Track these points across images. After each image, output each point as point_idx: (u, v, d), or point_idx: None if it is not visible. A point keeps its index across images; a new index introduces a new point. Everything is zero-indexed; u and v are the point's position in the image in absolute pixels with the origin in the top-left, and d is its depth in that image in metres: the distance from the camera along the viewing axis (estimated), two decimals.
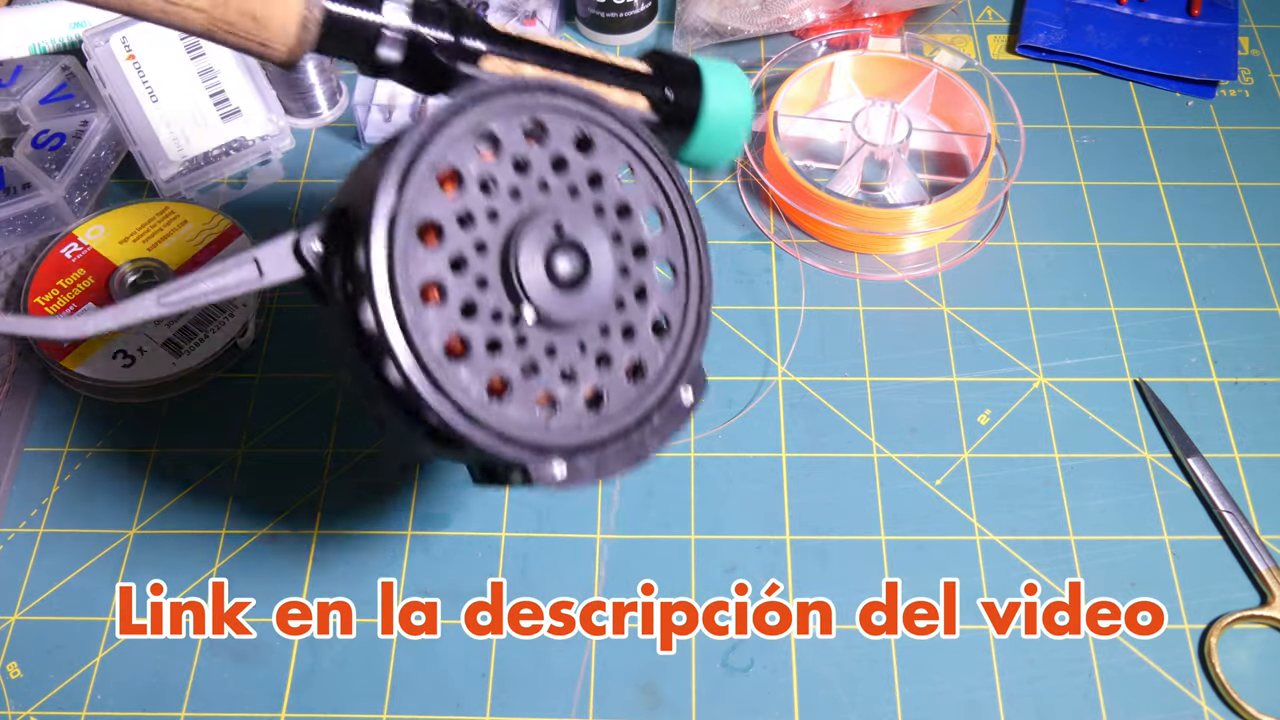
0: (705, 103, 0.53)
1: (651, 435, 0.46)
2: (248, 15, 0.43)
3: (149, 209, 0.73)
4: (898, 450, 0.65)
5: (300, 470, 0.65)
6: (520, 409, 0.42)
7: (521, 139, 0.44)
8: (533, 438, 0.42)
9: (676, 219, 0.47)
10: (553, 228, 0.43)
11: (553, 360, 0.43)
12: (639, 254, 0.46)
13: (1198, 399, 0.67)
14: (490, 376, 0.42)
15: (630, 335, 0.45)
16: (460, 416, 0.41)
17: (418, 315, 0.40)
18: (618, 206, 0.46)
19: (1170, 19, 0.86)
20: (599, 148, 0.46)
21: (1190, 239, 0.74)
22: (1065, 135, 0.80)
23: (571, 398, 0.44)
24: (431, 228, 0.41)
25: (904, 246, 0.73)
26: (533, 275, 0.42)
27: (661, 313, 0.46)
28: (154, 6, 0.43)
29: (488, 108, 0.43)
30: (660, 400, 0.46)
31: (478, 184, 0.42)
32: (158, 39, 0.74)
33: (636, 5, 0.83)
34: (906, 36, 0.81)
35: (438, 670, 0.58)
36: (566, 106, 0.45)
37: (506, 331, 0.42)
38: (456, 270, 0.41)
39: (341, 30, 0.45)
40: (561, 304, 0.43)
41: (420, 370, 0.40)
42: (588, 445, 0.44)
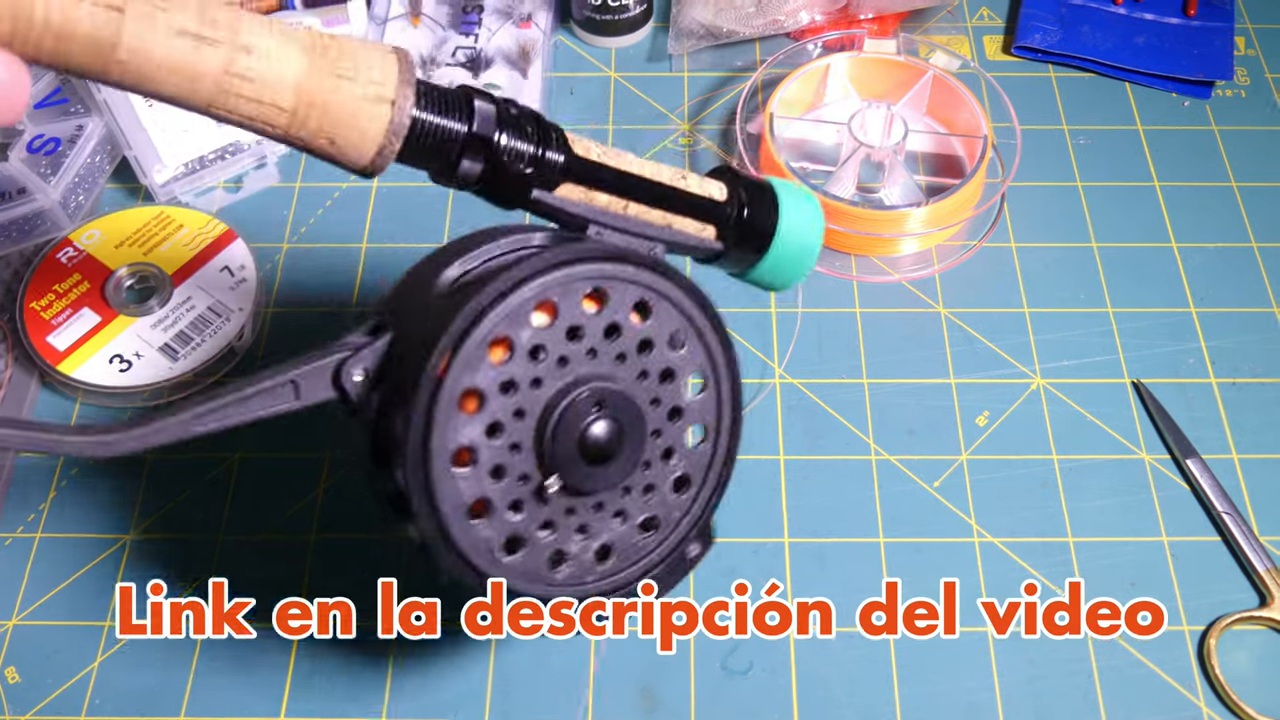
0: (779, 228, 0.52)
1: (653, 584, 0.48)
2: (327, 138, 0.41)
3: (144, 213, 0.73)
4: (896, 452, 0.65)
5: (299, 472, 0.65)
6: (531, 561, 0.44)
7: (579, 308, 0.43)
8: (538, 590, 0.44)
9: (718, 384, 0.47)
10: (594, 404, 0.43)
11: (570, 518, 0.44)
12: (674, 416, 0.46)
13: (1196, 400, 0.67)
14: (508, 534, 0.43)
15: (650, 491, 0.46)
16: (471, 571, 0.42)
17: (447, 479, 0.40)
18: (662, 372, 0.45)
19: (1166, 19, 0.86)
20: (656, 314, 0.45)
21: (1187, 239, 0.74)
22: (1062, 136, 0.80)
23: (583, 552, 0.45)
24: (474, 395, 0.41)
25: (901, 248, 0.73)
26: (566, 449, 0.42)
27: (685, 471, 0.46)
28: (230, 118, 0.40)
29: (552, 279, 0.42)
30: (667, 554, 0.47)
31: (527, 353, 0.42)
32: None
33: (632, 7, 0.83)
34: (902, 38, 0.81)
35: (438, 670, 0.58)
36: (631, 276, 0.44)
37: (530, 492, 0.43)
38: (492, 435, 0.41)
39: (425, 144, 0.43)
40: (588, 475, 0.43)
41: (439, 533, 0.41)
42: (588, 595, 0.46)
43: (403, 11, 0.84)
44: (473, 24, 0.83)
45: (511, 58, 0.81)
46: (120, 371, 0.66)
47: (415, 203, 0.76)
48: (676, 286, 0.45)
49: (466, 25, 0.83)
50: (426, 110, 0.43)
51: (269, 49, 0.39)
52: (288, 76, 0.39)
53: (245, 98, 0.39)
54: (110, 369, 0.66)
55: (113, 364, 0.66)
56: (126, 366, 0.66)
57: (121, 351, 0.67)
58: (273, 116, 0.40)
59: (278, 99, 0.39)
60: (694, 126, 0.81)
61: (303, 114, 0.40)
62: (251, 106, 0.39)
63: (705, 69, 0.84)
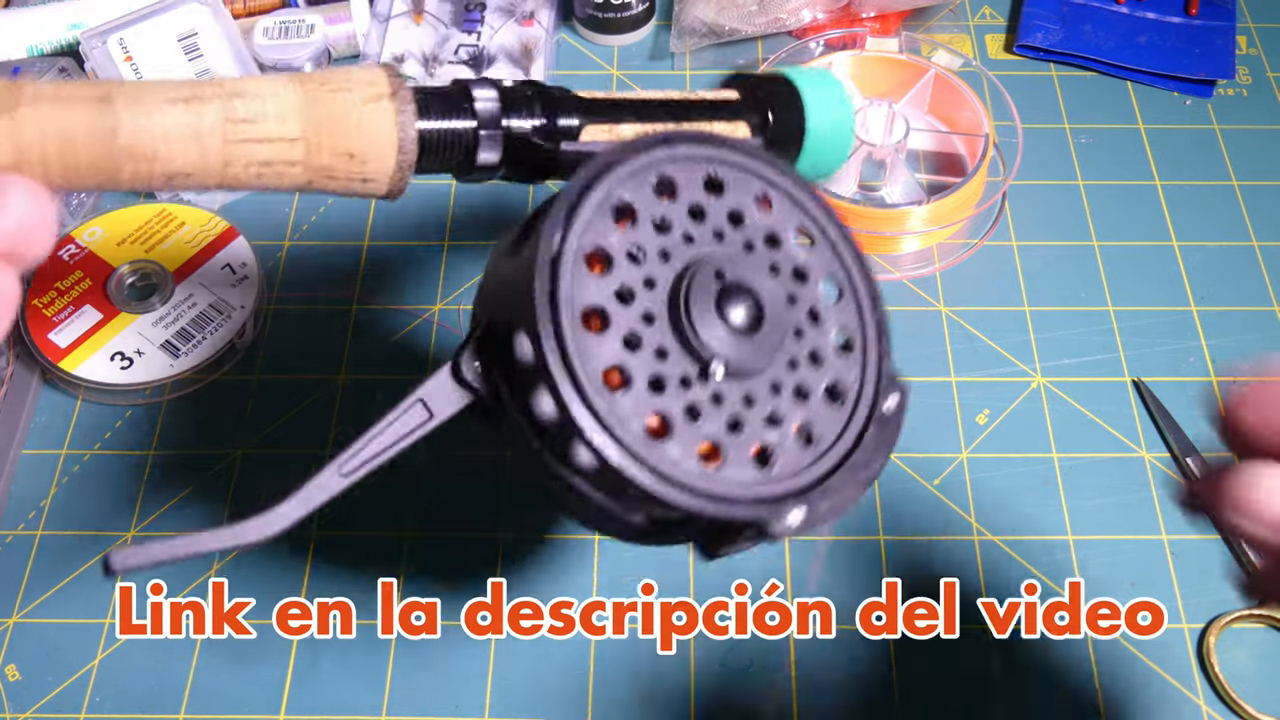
0: (809, 117, 0.52)
1: (871, 453, 0.44)
2: (344, 154, 0.41)
3: (146, 210, 0.73)
4: (896, 450, 0.65)
5: (300, 471, 0.64)
6: (738, 467, 0.40)
7: (653, 199, 0.42)
8: (761, 492, 0.40)
9: (825, 234, 0.45)
10: (713, 278, 0.41)
11: (753, 409, 0.41)
12: (800, 278, 0.44)
13: (1196, 399, 0.67)
14: (699, 445, 0.40)
15: (817, 360, 0.43)
16: (683, 493, 0.39)
17: (609, 403, 0.38)
18: (766, 238, 0.44)
19: (1168, 18, 0.86)
20: (730, 185, 0.44)
21: (1188, 238, 0.74)
22: (1063, 135, 0.80)
23: (783, 441, 0.41)
24: (594, 314, 0.39)
25: (902, 246, 0.73)
26: (710, 331, 0.40)
27: (841, 331, 0.44)
28: (251, 175, 0.41)
29: (612, 179, 0.41)
30: (868, 417, 0.43)
31: (625, 257, 0.40)
32: (155, 40, 0.74)
33: (634, 5, 0.83)
34: (904, 36, 0.81)
35: (438, 670, 0.58)
36: (686, 154, 0.43)
37: (700, 395, 0.40)
38: (632, 349, 0.40)
39: (439, 145, 0.44)
40: (745, 350, 0.41)
41: (627, 455, 0.38)
42: (815, 483, 0.41)
43: (405, 9, 0.84)
44: (475, 22, 0.83)
45: (514, 55, 0.81)
46: (121, 369, 0.66)
47: (417, 200, 0.76)
48: (732, 149, 0.44)
49: (469, 23, 0.83)
50: (430, 115, 0.43)
51: (260, 89, 0.40)
52: (287, 107, 0.40)
53: (254, 141, 0.39)
54: (111, 366, 0.66)
55: (114, 361, 0.66)
56: (128, 364, 0.66)
57: (123, 349, 0.67)
58: (287, 152, 0.40)
59: (284, 130, 0.40)
60: None
61: (314, 139, 0.40)
62: (264, 149, 0.39)
63: (707, 67, 0.84)
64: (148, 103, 0.37)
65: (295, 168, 0.41)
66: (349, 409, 0.67)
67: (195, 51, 0.75)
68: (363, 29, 0.82)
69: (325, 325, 0.70)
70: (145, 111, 0.37)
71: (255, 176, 0.40)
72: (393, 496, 0.64)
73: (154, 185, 0.39)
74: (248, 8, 0.82)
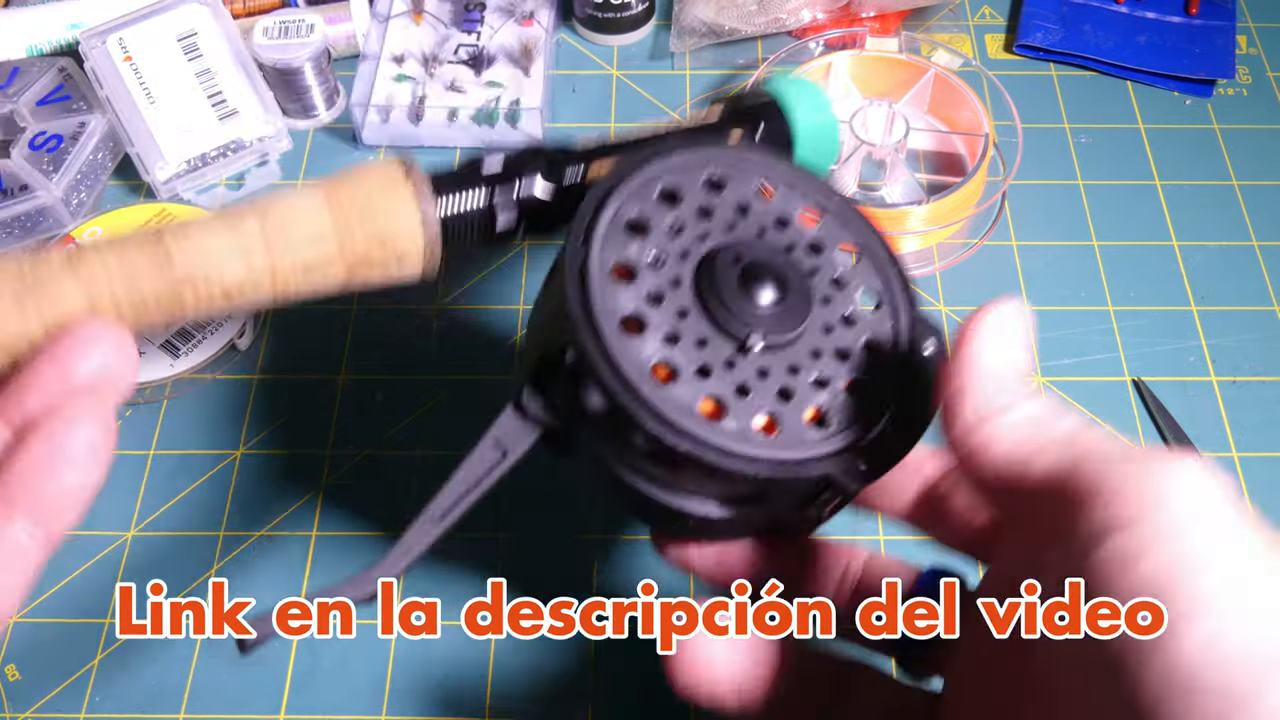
0: (795, 125, 0.56)
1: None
2: (376, 241, 0.44)
3: (147, 210, 0.73)
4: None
5: (300, 471, 0.65)
6: (795, 432, 0.42)
7: (661, 207, 0.44)
8: (824, 450, 0.42)
9: (830, 208, 0.48)
10: (732, 262, 0.43)
11: (799, 376, 0.43)
12: (816, 250, 0.46)
13: (1196, 398, 0.67)
14: (755, 419, 0.41)
15: (851, 321, 0.45)
16: (748, 463, 0.40)
17: (660, 394, 0.40)
18: (775, 220, 0.46)
19: (1168, 18, 0.86)
20: (730, 181, 0.46)
21: (1188, 238, 0.74)
22: (1063, 134, 0.80)
23: (834, 400, 0.43)
24: (630, 320, 0.42)
25: (901, 246, 0.73)
26: (740, 308, 0.42)
27: (867, 291, 0.46)
28: (299, 280, 0.44)
29: (617, 198, 0.44)
30: (909, 364, 0.45)
31: (647, 264, 0.43)
32: (155, 40, 0.74)
33: (634, 5, 0.83)
34: (904, 36, 0.81)
35: (438, 670, 0.58)
36: (681, 162, 0.46)
37: (747, 372, 0.42)
38: (672, 343, 0.42)
39: (459, 219, 0.48)
40: (778, 321, 0.43)
41: (693, 442, 0.40)
42: (874, 433, 0.43)
43: (405, 9, 0.84)
44: (475, 21, 0.83)
45: (514, 55, 0.81)
46: None
47: None
48: (725, 149, 0.47)
49: (469, 23, 0.83)
50: (445, 192, 0.48)
51: (288, 200, 0.44)
52: (315, 209, 0.44)
53: (294, 247, 0.43)
54: None
55: None
56: None
57: None
58: (324, 250, 0.44)
59: (318, 229, 0.44)
60: None
61: (346, 234, 0.44)
62: (304, 252, 0.43)
63: (707, 67, 0.84)
64: (193, 233, 0.41)
65: (335, 265, 0.44)
66: (349, 409, 0.67)
67: (195, 51, 0.75)
68: (362, 29, 0.82)
69: (325, 325, 0.70)
70: (192, 240, 0.41)
71: (303, 280, 0.44)
72: (392, 497, 0.64)
73: (216, 307, 0.42)
74: (247, 8, 0.82)
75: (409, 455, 0.65)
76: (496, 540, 0.62)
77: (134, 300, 0.39)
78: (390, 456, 0.65)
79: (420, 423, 0.66)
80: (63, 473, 0.33)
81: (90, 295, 0.38)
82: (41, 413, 0.33)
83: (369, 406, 0.67)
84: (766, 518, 0.46)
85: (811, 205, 0.47)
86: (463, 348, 0.69)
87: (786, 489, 0.42)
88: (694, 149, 0.46)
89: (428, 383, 0.68)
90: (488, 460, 0.43)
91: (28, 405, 0.34)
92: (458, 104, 0.78)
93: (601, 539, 0.62)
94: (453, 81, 0.80)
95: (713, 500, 0.44)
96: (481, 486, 0.44)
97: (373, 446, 0.65)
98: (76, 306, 0.37)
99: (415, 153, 0.79)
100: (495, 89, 0.80)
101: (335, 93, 0.81)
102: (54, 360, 0.34)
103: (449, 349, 0.69)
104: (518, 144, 0.53)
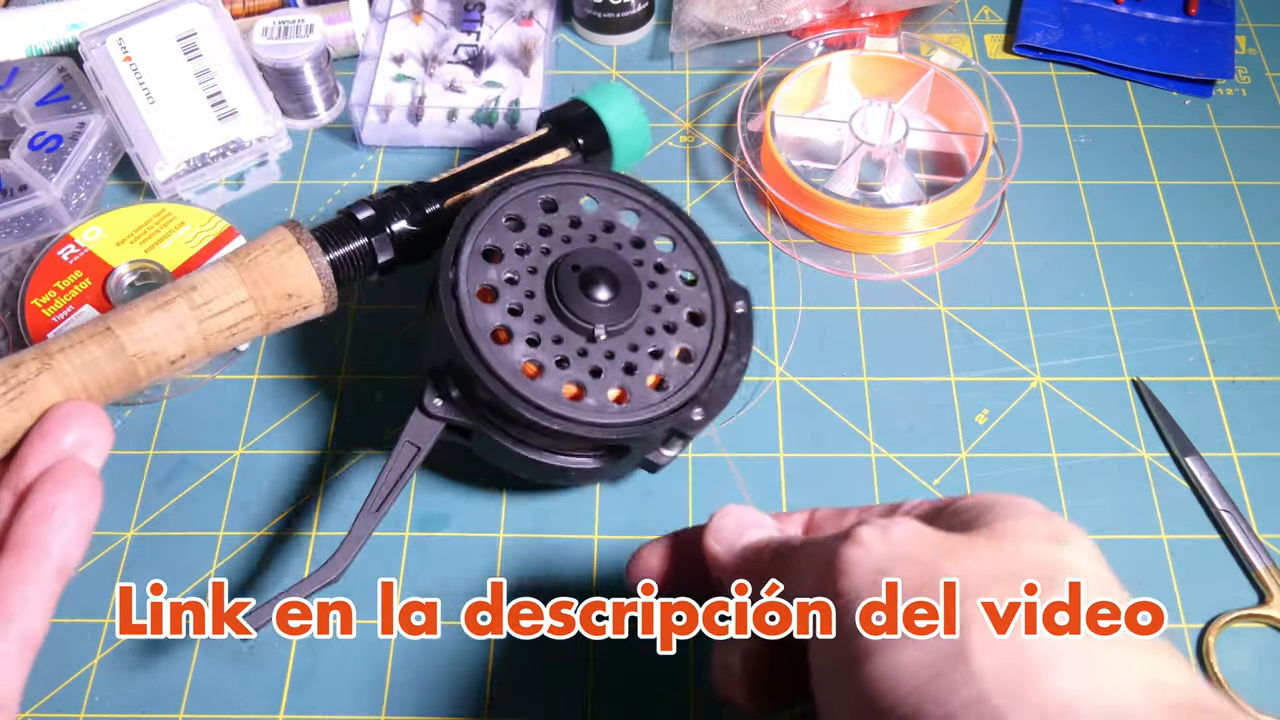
0: (608, 125, 0.68)
1: (739, 350, 0.58)
2: (283, 295, 0.56)
3: (146, 210, 0.73)
4: (895, 450, 0.65)
5: (300, 471, 0.65)
6: (642, 397, 0.55)
7: (509, 233, 0.57)
8: (668, 407, 0.55)
9: (646, 206, 0.60)
10: (571, 271, 0.55)
11: (639, 353, 0.56)
12: (639, 245, 0.59)
13: (1195, 398, 0.67)
14: (610, 393, 0.54)
15: (675, 300, 0.58)
16: (610, 430, 0.53)
17: (532, 388, 0.53)
18: (603, 226, 0.59)
19: (1167, 18, 0.86)
20: (561, 200, 0.59)
21: (1188, 238, 0.74)
22: (1062, 134, 0.80)
23: (668, 367, 0.56)
24: (499, 329, 0.54)
25: (901, 246, 0.74)
26: (584, 309, 0.55)
27: (685, 271, 0.59)
28: (226, 339, 0.54)
29: (472, 233, 0.56)
30: (726, 322, 0.58)
31: (505, 283, 0.55)
32: (154, 40, 0.74)
33: (634, 5, 0.83)
34: (903, 36, 0.81)
35: (438, 670, 0.58)
36: (518, 192, 0.58)
37: (598, 358, 0.55)
38: (534, 345, 0.54)
39: (346, 263, 0.59)
40: (615, 313, 0.56)
41: (563, 421, 0.52)
42: (704, 385, 0.56)
43: (404, 9, 0.84)
44: (474, 21, 0.83)
45: (513, 55, 0.81)
46: None
47: None
48: (552, 174, 0.59)
49: (468, 23, 0.83)
50: (331, 246, 0.58)
51: (206, 278, 0.54)
52: (230, 282, 0.54)
53: (218, 314, 0.54)
54: None
55: None
56: None
57: None
58: (243, 312, 0.54)
59: (235, 297, 0.54)
60: (695, 125, 0.81)
61: (258, 295, 0.55)
62: (227, 317, 0.54)
63: (706, 67, 0.84)
64: (135, 318, 0.51)
65: (254, 320, 0.55)
66: (349, 409, 0.67)
67: (194, 52, 0.75)
68: (362, 29, 0.82)
69: (325, 325, 0.70)
70: (135, 325, 0.51)
71: (230, 338, 0.54)
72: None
73: (164, 374, 0.52)
74: (247, 8, 0.82)
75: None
76: (497, 540, 0.62)
77: (99, 382, 0.48)
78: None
79: None
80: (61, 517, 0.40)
81: (64, 388, 0.46)
82: (38, 478, 0.40)
83: (369, 406, 0.67)
84: (633, 463, 0.58)
85: (630, 207, 0.60)
86: None
87: (643, 442, 0.55)
88: (527, 180, 0.58)
89: None
90: (405, 456, 0.54)
91: (27, 474, 0.40)
92: (457, 104, 0.78)
93: (602, 539, 0.62)
94: (452, 81, 0.80)
95: (588, 456, 0.56)
96: (405, 478, 0.54)
97: (373, 446, 0.65)
98: (56, 397, 0.46)
99: (415, 153, 0.79)
100: (495, 89, 0.80)
101: (335, 93, 0.81)
102: (44, 437, 0.41)
103: None
104: (520, 141, 0.67)
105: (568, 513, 0.63)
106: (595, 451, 0.56)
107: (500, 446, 0.55)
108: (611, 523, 0.63)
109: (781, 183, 0.73)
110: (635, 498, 0.63)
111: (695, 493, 0.64)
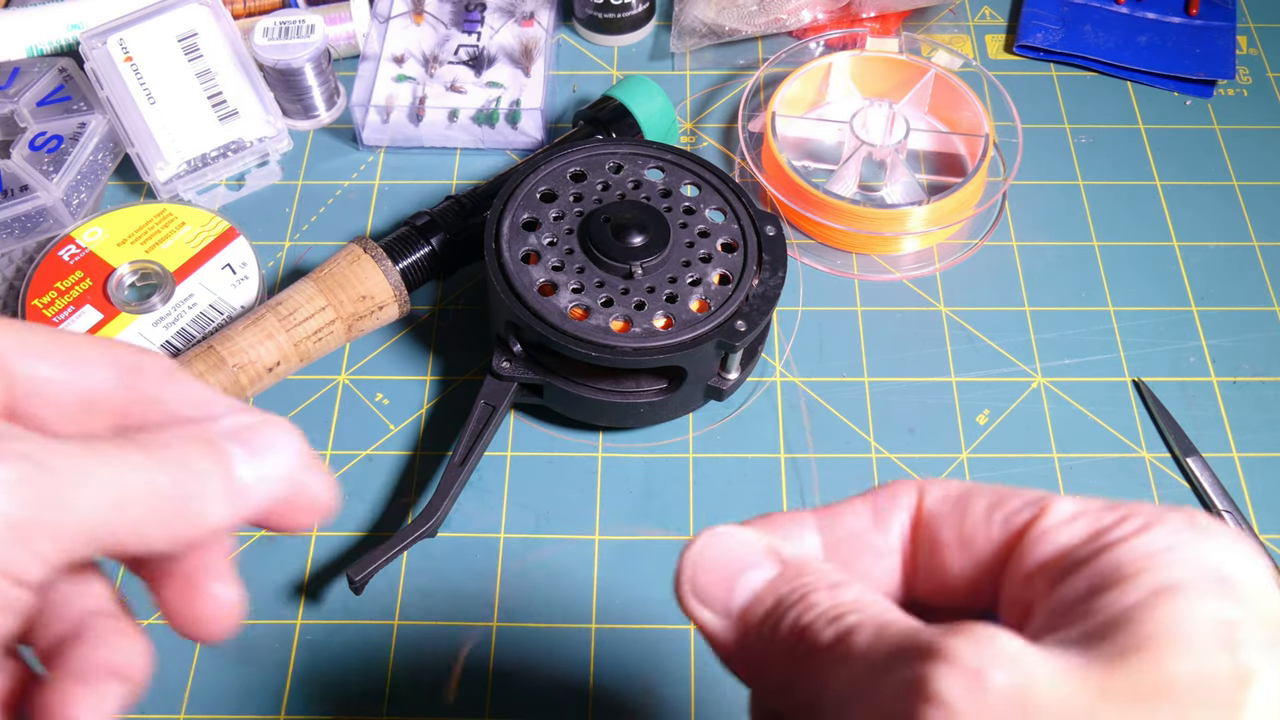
0: (640, 122, 0.73)
1: (774, 267, 0.62)
2: (359, 298, 0.63)
3: (147, 210, 0.73)
4: (896, 450, 0.65)
5: None
6: (687, 321, 0.59)
7: (541, 204, 0.63)
8: (712, 324, 0.59)
9: (669, 161, 0.65)
10: (603, 223, 0.61)
11: (678, 284, 0.61)
12: (666, 195, 0.64)
13: (1196, 398, 0.67)
14: (656, 321, 0.59)
15: (706, 235, 0.63)
16: (661, 354, 0.58)
17: (581, 327, 0.58)
18: (632, 184, 0.64)
19: (1168, 18, 0.86)
20: (590, 171, 0.64)
21: (1188, 238, 0.74)
22: (1063, 135, 0.80)
23: (708, 291, 0.61)
24: (545, 285, 0.60)
25: (902, 247, 0.74)
26: (619, 251, 0.60)
27: (714, 209, 0.64)
28: (313, 345, 0.63)
29: (511, 208, 0.63)
30: (759, 245, 0.62)
31: (546, 245, 0.62)
32: (155, 41, 0.74)
33: (634, 6, 0.83)
34: (904, 37, 0.81)
35: (438, 670, 0.58)
36: (547, 170, 0.64)
37: (639, 292, 0.60)
38: (579, 293, 0.60)
39: (414, 269, 0.66)
40: (647, 249, 0.61)
41: (614, 353, 0.58)
42: (745, 302, 0.61)
43: (405, 9, 0.84)
44: (475, 22, 0.83)
45: (514, 56, 0.81)
46: None
47: (416, 200, 0.76)
48: (582, 146, 0.65)
49: (469, 23, 0.83)
50: (399, 256, 0.65)
51: (289, 294, 0.63)
52: (310, 292, 0.63)
53: (301, 322, 0.63)
54: None
55: None
56: None
57: None
58: (324, 318, 0.63)
59: (315, 305, 0.63)
60: (696, 125, 0.81)
61: (335, 301, 0.63)
62: (311, 324, 0.63)
63: (707, 67, 0.84)
64: (231, 335, 0.61)
65: (336, 324, 0.63)
66: (349, 409, 0.67)
67: (195, 52, 0.75)
68: (363, 29, 0.83)
69: None
70: (232, 340, 0.61)
71: (317, 343, 0.63)
72: (393, 497, 0.64)
73: (264, 382, 0.62)
74: (248, 8, 0.83)
75: (409, 455, 0.65)
76: (497, 540, 0.62)
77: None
78: (390, 456, 0.65)
79: (420, 423, 0.66)
80: None
81: None
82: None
83: (369, 406, 0.67)
84: (698, 390, 0.62)
85: (653, 164, 0.65)
86: (463, 348, 0.69)
87: (696, 360, 0.59)
88: (554, 158, 0.64)
89: (428, 383, 0.68)
90: (483, 416, 0.61)
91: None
92: (458, 104, 0.78)
93: (602, 539, 0.62)
94: (453, 82, 0.80)
95: (651, 389, 0.61)
96: (484, 437, 0.60)
97: (373, 446, 0.65)
98: None
99: (415, 153, 0.79)
100: (495, 89, 0.80)
101: (335, 93, 0.81)
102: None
103: (449, 348, 0.69)
104: (524, 146, 0.76)
105: (568, 513, 0.63)
106: (654, 382, 0.61)
107: (566, 394, 0.61)
108: (612, 523, 0.63)
109: (782, 183, 0.73)
110: (635, 498, 0.63)
111: (696, 493, 0.64)
